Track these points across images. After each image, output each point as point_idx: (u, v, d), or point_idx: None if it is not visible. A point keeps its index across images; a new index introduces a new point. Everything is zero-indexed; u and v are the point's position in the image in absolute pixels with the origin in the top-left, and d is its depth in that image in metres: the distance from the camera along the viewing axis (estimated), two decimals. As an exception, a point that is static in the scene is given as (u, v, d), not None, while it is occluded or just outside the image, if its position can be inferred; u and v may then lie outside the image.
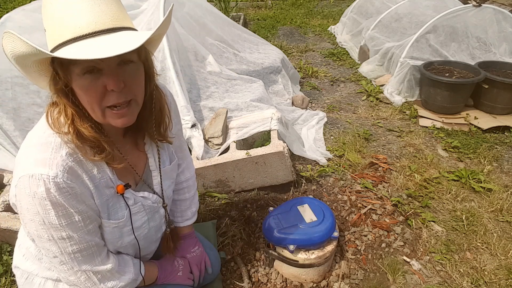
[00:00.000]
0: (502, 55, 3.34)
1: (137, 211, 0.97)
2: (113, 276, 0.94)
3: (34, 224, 0.79)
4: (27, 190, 0.75)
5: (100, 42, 0.69)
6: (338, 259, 1.64)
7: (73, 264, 0.86)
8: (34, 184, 0.74)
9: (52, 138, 0.79)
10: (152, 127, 0.94)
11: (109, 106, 0.77)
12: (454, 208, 1.95)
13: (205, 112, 2.27)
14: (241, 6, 7.22)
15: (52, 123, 0.79)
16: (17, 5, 6.43)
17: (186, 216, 1.27)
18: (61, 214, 0.78)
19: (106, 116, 0.79)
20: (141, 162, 1.00)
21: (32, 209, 0.77)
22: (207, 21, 2.84)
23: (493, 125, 2.70)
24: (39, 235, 0.81)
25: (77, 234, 0.82)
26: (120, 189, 0.89)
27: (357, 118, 2.98)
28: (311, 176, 2.15)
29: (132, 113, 0.82)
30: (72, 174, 0.79)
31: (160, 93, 0.95)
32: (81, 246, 0.84)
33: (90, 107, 0.77)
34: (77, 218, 0.81)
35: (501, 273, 1.57)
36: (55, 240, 0.81)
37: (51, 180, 0.75)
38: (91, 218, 0.85)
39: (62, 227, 0.79)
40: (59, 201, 0.77)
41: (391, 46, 3.55)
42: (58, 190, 0.76)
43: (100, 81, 0.74)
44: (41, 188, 0.74)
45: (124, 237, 0.95)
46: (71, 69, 0.73)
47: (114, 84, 0.74)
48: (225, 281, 1.54)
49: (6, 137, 1.99)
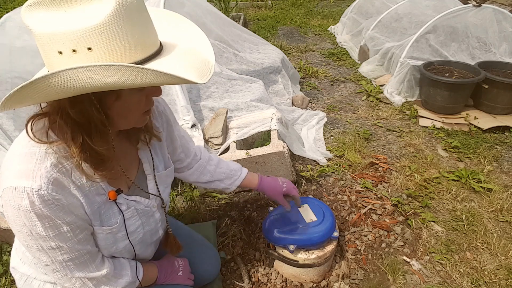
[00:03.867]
0: (502, 55, 3.34)
1: (131, 216, 0.95)
2: (109, 280, 0.93)
3: (22, 235, 0.77)
4: (11, 202, 0.72)
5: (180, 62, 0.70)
6: (338, 259, 1.64)
7: (66, 272, 0.84)
8: (18, 197, 0.72)
9: (36, 148, 0.75)
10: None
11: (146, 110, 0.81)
12: (454, 208, 1.95)
13: (205, 112, 2.27)
14: (241, 6, 7.22)
15: (34, 135, 0.74)
16: (17, 5, 6.43)
17: (235, 173, 1.36)
18: (48, 225, 0.76)
19: (138, 121, 0.82)
20: (133, 167, 0.99)
21: (18, 220, 0.74)
22: (207, 21, 2.84)
23: (493, 125, 2.70)
24: (28, 245, 0.79)
25: (67, 244, 0.80)
26: (112, 195, 0.87)
27: (357, 118, 2.98)
28: (311, 176, 2.15)
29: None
30: (58, 185, 0.75)
31: None
32: (72, 255, 0.82)
33: (128, 118, 0.79)
34: (66, 229, 0.78)
35: (501, 273, 1.57)
36: (44, 250, 0.79)
37: (35, 193, 0.71)
38: (80, 228, 0.82)
39: (50, 238, 0.77)
40: (44, 213, 0.74)
41: (391, 46, 3.55)
42: (43, 202, 0.73)
43: (143, 92, 0.77)
44: (25, 201, 0.72)
45: (118, 242, 0.93)
46: (123, 90, 0.73)
47: (159, 92, 0.77)
48: (225, 281, 1.54)
49: (6, 137, 1.99)
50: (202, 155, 1.34)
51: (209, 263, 1.36)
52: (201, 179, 1.33)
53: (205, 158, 1.34)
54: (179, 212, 1.89)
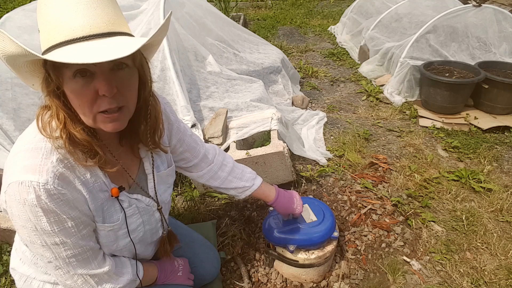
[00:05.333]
0: (502, 55, 3.34)
1: (132, 214, 0.96)
2: (111, 278, 0.93)
3: (26, 230, 0.78)
4: (17, 196, 0.73)
5: (93, 46, 0.67)
6: (338, 259, 1.64)
7: (69, 269, 0.85)
8: (24, 191, 0.72)
9: (42, 143, 0.77)
10: (146, 134, 0.93)
11: (101, 111, 0.75)
12: (454, 208, 1.95)
13: (205, 112, 2.27)
14: (241, 6, 7.22)
15: (42, 127, 0.77)
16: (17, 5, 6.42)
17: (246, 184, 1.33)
18: (53, 220, 0.76)
19: (97, 121, 0.77)
20: (134, 165, 0.99)
21: (23, 215, 0.75)
22: (207, 21, 2.84)
23: (493, 125, 2.70)
24: (32, 241, 0.79)
25: (71, 240, 0.81)
26: (114, 192, 0.88)
27: (357, 118, 2.98)
28: (311, 176, 2.15)
29: (123, 118, 0.80)
30: (63, 180, 0.77)
31: (156, 100, 0.93)
32: (76, 251, 0.83)
33: (81, 111, 0.75)
34: (70, 224, 0.79)
35: (501, 273, 1.57)
36: (48, 246, 0.80)
37: (41, 187, 0.73)
38: (84, 224, 0.83)
39: (54, 233, 0.78)
40: (50, 207, 0.75)
41: (391, 46, 3.55)
42: (49, 197, 0.74)
43: (92, 85, 0.72)
44: (31, 195, 0.72)
45: (119, 240, 0.94)
46: (63, 71, 0.71)
47: (106, 89, 0.71)
48: (225, 281, 1.54)
49: (6, 137, 2.00)
50: (216, 159, 1.31)
51: (209, 263, 1.37)
52: (210, 183, 1.32)
53: (217, 163, 1.31)
54: (179, 212, 1.89)
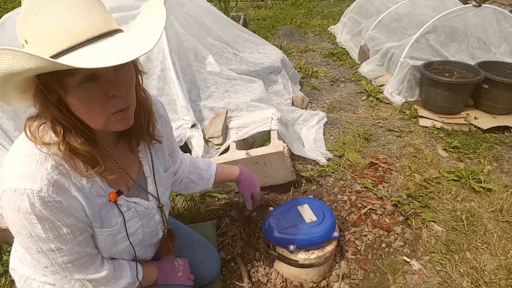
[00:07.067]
0: (502, 55, 3.34)
1: (131, 217, 0.95)
2: (109, 282, 0.93)
3: (22, 236, 0.77)
4: (11, 204, 0.72)
5: (102, 49, 0.66)
6: (338, 259, 1.64)
7: (66, 274, 0.84)
8: (18, 198, 0.71)
9: (37, 150, 0.75)
10: (142, 127, 0.93)
11: (114, 112, 0.75)
12: (454, 208, 1.95)
13: (205, 112, 2.27)
14: (241, 6, 7.22)
15: (32, 136, 0.75)
16: (17, 5, 6.43)
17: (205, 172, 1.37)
18: (48, 227, 0.75)
19: (109, 123, 0.76)
20: (134, 167, 0.98)
21: (18, 222, 0.74)
22: (207, 21, 2.84)
23: (493, 125, 2.70)
24: (28, 247, 0.79)
25: (67, 246, 0.80)
26: (112, 197, 0.87)
27: (357, 118, 2.98)
28: (311, 176, 2.15)
29: (131, 115, 0.80)
30: (58, 187, 0.75)
31: (146, 93, 0.93)
32: (72, 257, 0.82)
33: (91, 117, 0.74)
34: (66, 231, 0.78)
35: (501, 273, 1.57)
36: (44, 252, 0.79)
37: (36, 195, 0.71)
38: (80, 230, 0.82)
39: (50, 240, 0.77)
40: (44, 215, 0.74)
41: (391, 46, 3.55)
42: (43, 204, 0.73)
43: (100, 89, 0.71)
44: (25, 203, 0.71)
45: (118, 244, 0.93)
46: (65, 80, 0.68)
47: (117, 89, 0.71)
48: (225, 281, 1.54)
49: (6, 137, 1.99)
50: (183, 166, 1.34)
51: (209, 263, 1.36)
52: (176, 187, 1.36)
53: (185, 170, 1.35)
54: (179, 212, 1.89)
